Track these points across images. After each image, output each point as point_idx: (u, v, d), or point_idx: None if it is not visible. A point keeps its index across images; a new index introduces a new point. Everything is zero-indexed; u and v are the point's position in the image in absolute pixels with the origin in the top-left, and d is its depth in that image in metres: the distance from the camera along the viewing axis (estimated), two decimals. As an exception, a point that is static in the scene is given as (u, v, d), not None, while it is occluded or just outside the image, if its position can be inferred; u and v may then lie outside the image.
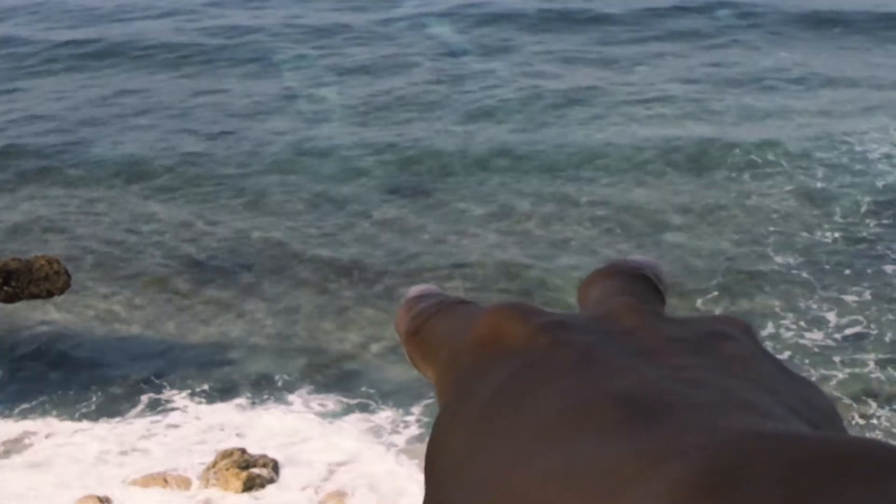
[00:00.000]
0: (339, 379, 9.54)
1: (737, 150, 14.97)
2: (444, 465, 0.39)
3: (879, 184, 13.87)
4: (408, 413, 8.96)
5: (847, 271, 11.47)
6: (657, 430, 0.34)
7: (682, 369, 0.38)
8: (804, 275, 11.37)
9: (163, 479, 7.78)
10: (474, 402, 0.40)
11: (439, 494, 0.38)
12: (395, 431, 8.71)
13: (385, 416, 8.94)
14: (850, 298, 10.84)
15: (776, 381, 0.40)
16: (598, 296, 0.47)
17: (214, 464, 7.91)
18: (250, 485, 7.75)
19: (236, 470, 7.80)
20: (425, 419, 8.78)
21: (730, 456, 0.31)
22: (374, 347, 10.06)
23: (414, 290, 0.51)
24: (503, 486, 0.35)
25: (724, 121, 16.33)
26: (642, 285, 0.48)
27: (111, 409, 9.08)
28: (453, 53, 20.37)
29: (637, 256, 0.50)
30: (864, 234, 12.40)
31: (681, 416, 0.34)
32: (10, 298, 9.26)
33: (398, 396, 9.21)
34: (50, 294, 9.30)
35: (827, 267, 11.55)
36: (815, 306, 10.72)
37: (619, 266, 0.49)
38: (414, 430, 8.69)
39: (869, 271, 11.46)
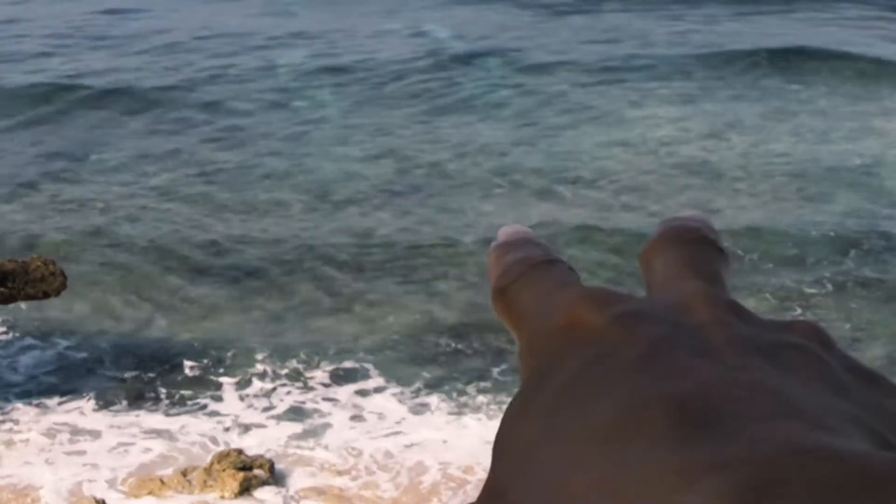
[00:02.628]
0: (338, 377, 9.52)
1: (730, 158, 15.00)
2: (508, 454, 0.40)
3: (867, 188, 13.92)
4: (407, 413, 8.92)
5: (836, 267, 11.46)
6: (702, 440, 0.35)
7: (740, 370, 0.39)
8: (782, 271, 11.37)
9: (159, 480, 7.73)
10: (542, 394, 0.41)
11: (501, 480, 0.40)
12: (395, 432, 8.66)
13: (384, 417, 8.89)
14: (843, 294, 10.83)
15: (843, 387, 0.40)
16: (664, 269, 0.47)
17: (211, 465, 7.86)
18: (247, 486, 7.71)
19: (233, 471, 7.75)
20: (424, 422, 8.74)
21: (767, 471, 0.31)
22: (373, 345, 10.05)
23: (503, 232, 0.52)
24: (557, 486, 0.37)
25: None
26: (706, 250, 0.48)
27: (104, 408, 9.05)
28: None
29: (689, 213, 0.50)
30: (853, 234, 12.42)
31: (728, 426, 0.35)
32: (7, 300, 9.23)
33: (398, 395, 9.18)
34: (46, 295, 9.27)
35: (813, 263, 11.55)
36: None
37: (679, 231, 0.49)
38: (413, 433, 8.64)
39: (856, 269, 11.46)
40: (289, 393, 9.28)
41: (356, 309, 10.77)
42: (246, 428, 8.76)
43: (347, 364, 9.72)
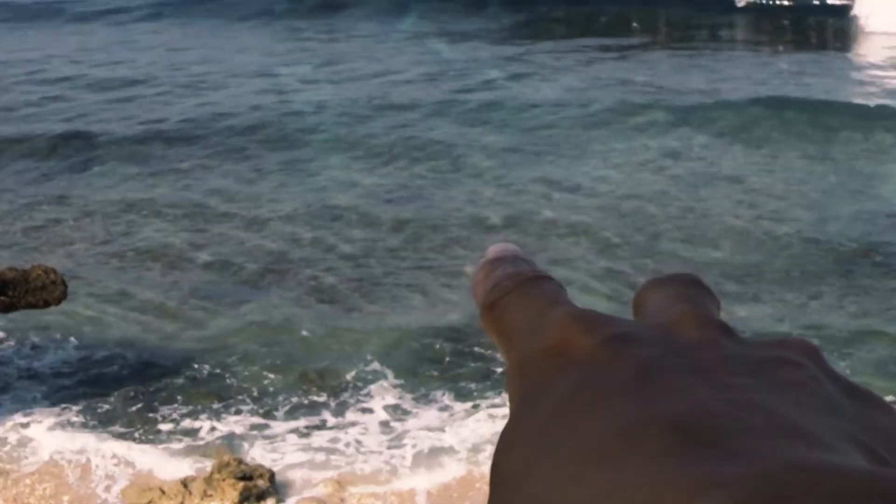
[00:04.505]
0: (339, 386, 9.50)
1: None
2: (504, 479, 0.40)
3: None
4: (411, 423, 8.90)
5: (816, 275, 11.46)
6: (700, 459, 0.34)
7: (734, 390, 0.39)
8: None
9: (158, 489, 7.71)
10: (535, 417, 0.41)
11: None
12: (397, 442, 8.64)
13: (386, 427, 8.87)
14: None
15: (836, 405, 0.40)
16: (657, 302, 0.48)
17: (211, 474, 7.84)
18: (247, 495, 7.67)
19: (233, 480, 7.73)
20: (427, 432, 8.71)
21: (769, 488, 0.31)
22: (375, 354, 10.05)
23: (493, 250, 0.52)
24: None
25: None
26: (700, 290, 0.48)
27: (104, 417, 9.04)
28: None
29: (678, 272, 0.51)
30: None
31: (725, 444, 0.35)
32: (7, 308, 9.21)
33: (400, 404, 9.16)
34: (47, 304, 9.25)
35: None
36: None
37: (670, 275, 0.50)
38: (416, 443, 8.62)
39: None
40: (290, 402, 9.26)
41: (358, 316, 10.77)
42: (246, 437, 8.73)
43: (349, 373, 9.71)
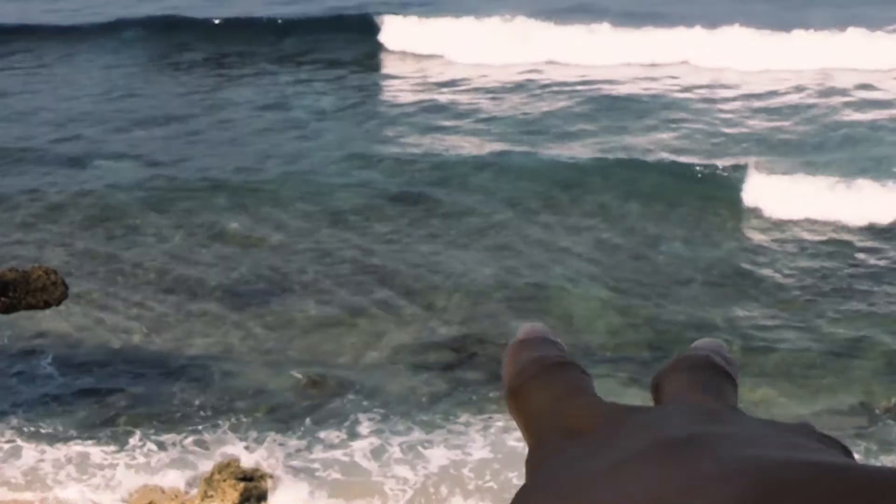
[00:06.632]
0: (338, 392, 9.50)
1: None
2: None
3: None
4: (408, 430, 8.90)
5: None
6: (699, 458, 0.36)
7: (721, 423, 0.41)
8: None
9: (159, 490, 7.73)
10: (546, 474, 0.43)
11: None
12: (395, 449, 8.64)
13: (384, 434, 8.87)
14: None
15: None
16: (670, 390, 0.49)
17: (212, 475, 7.86)
18: (247, 496, 7.70)
19: (233, 481, 7.75)
20: (425, 440, 8.71)
21: (770, 481, 0.32)
22: (374, 361, 10.03)
23: (523, 330, 0.55)
24: None
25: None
26: (712, 373, 0.50)
27: (103, 420, 9.03)
28: None
29: (702, 342, 0.53)
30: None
31: (724, 447, 0.37)
32: (7, 309, 9.21)
33: (398, 410, 9.16)
34: (47, 305, 9.25)
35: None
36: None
37: (687, 359, 0.51)
38: (413, 451, 8.62)
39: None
40: (290, 406, 9.27)
41: (358, 324, 10.74)
42: (247, 439, 8.75)
43: (348, 379, 9.70)
